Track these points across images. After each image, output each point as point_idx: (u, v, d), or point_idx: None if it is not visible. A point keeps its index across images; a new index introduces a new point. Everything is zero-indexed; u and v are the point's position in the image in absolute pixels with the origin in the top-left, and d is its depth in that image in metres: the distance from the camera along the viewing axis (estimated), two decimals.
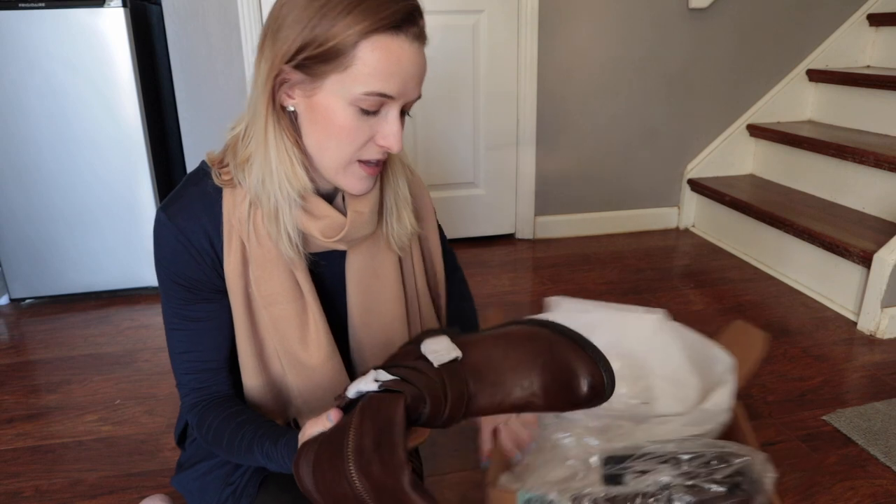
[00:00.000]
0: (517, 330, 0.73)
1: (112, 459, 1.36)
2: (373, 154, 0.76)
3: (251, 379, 0.85)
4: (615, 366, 1.13)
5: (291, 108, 0.76)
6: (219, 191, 0.79)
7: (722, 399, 1.06)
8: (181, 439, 1.01)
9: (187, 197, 0.80)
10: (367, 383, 0.68)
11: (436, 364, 0.69)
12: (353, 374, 0.90)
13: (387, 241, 0.87)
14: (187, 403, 0.85)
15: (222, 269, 0.80)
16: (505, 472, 1.00)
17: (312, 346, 0.84)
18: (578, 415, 1.08)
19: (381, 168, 0.79)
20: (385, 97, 0.71)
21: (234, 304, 0.81)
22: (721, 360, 1.16)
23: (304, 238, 0.81)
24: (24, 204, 1.99)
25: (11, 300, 2.10)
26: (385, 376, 0.68)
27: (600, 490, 0.89)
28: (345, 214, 0.81)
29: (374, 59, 0.69)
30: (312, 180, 0.79)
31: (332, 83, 0.71)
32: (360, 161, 0.76)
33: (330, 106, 0.72)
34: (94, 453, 1.38)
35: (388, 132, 0.74)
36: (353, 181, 0.77)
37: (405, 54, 0.70)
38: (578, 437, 1.01)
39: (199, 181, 0.80)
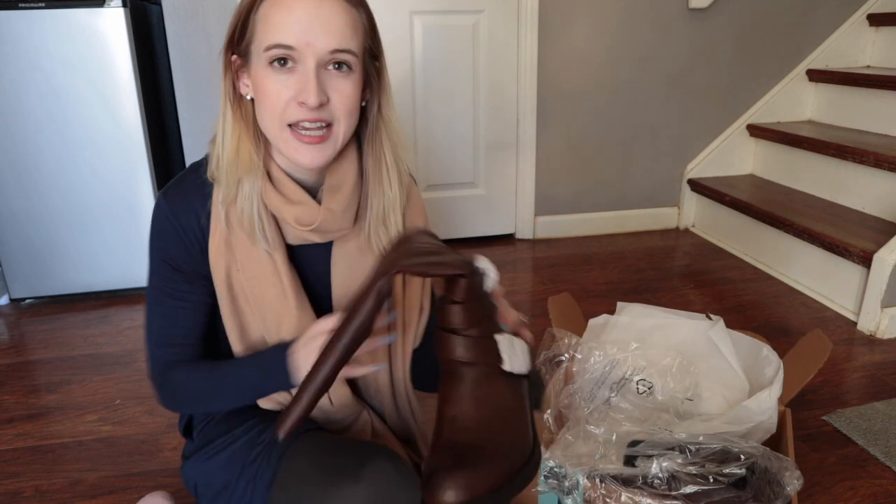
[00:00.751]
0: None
1: (112, 459, 1.36)
2: (296, 114, 0.76)
3: (236, 346, 0.88)
4: (665, 361, 1.15)
5: (250, 97, 0.81)
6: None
7: (765, 399, 1.07)
8: (187, 430, 1.00)
9: (185, 183, 0.84)
10: None
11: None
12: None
13: (367, 242, 0.88)
14: (155, 370, 0.88)
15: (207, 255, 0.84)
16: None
17: (293, 330, 0.85)
18: (624, 402, 1.10)
19: (326, 138, 0.78)
20: (285, 48, 0.74)
21: (217, 284, 0.84)
22: (771, 362, 1.17)
23: (282, 228, 0.85)
24: (24, 204, 1.98)
25: (11, 300, 2.10)
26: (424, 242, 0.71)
27: (612, 469, 0.92)
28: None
29: (269, 16, 0.74)
30: (285, 171, 0.83)
31: (253, 54, 0.77)
32: (291, 126, 0.77)
33: (257, 75, 0.77)
34: (94, 453, 1.38)
35: (301, 85, 0.75)
36: (293, 152, 0.78)
37: (297, 3, 0.73)
38: (614, 421, 1.03)
39: (198, 169, 0.84)
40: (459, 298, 0.66)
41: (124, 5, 1.88)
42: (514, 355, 0.68)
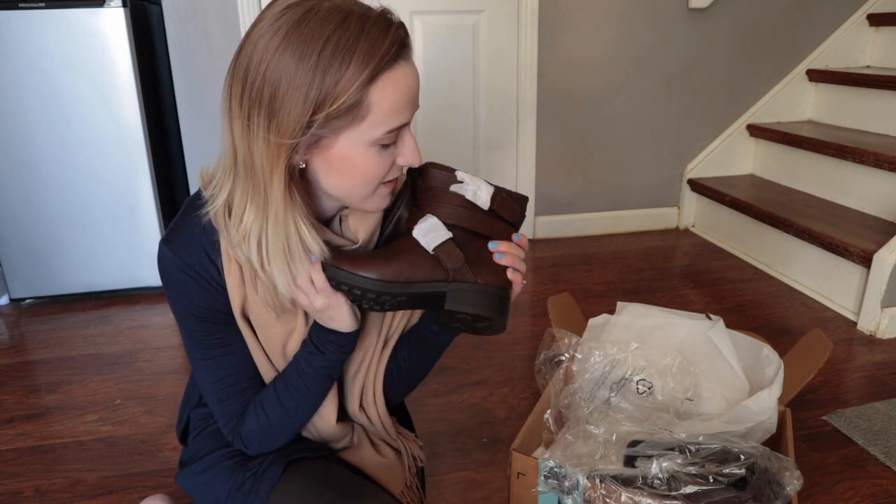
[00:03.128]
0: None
1: (112, 459, 1.36)
2: (394, 175, 0.78)
3: (267, 376, 0.87)
4: (665, 361, 1.16)
5: (302, 165, 0.73)
6: None
7: (765, 399, 1.07)
8: (184, 436, 1.01)
9: (188, 228, 0.78)
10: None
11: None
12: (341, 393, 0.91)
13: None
14: (229, 428, 0.85)
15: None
16: (540, 446, 1.06)
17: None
18: (624, 402, 1.10)
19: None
20: (400, 127, 0.72)
21: (238, 321, 0.82)
22: (771, 362, 1.17)
23: None
24: (24, 204, 1.99)
25: (11, 300, 2.10)
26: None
27: (612, 469, 0.92)
28: (340, 236, 0.81)
29: (389, 99, 0.68)
30: (318, 216, 0.79)
31: (348, 135, 0.69)
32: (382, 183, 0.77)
33: (348, 154, 0.71)
34: (94, 453, 1.38)
35: (406, 152, 0.75)
36: (379, 201, 0.78)
37: (408, 79, 0.70)
38: (614, 420, 1.03)
39: (197, 209, 0.78)
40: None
41: (124, 5, 1.88)
42: (426, 232, 0.78)
